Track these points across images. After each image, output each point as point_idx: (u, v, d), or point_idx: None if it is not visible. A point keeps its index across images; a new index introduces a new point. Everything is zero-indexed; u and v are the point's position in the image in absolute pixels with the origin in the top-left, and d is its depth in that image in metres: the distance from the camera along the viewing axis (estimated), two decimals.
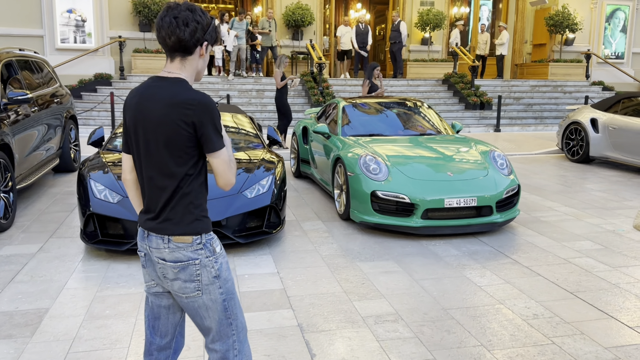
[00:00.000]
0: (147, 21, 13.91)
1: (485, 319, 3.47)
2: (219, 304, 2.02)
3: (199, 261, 1.96)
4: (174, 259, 1.96)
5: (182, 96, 1.88)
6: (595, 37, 17.47)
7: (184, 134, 1.88)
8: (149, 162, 1.96)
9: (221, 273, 2.00)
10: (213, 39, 2.01)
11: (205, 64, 2.05)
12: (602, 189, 7.36)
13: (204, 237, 1.98)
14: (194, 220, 1.96)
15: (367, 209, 5.24)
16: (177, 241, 1.95)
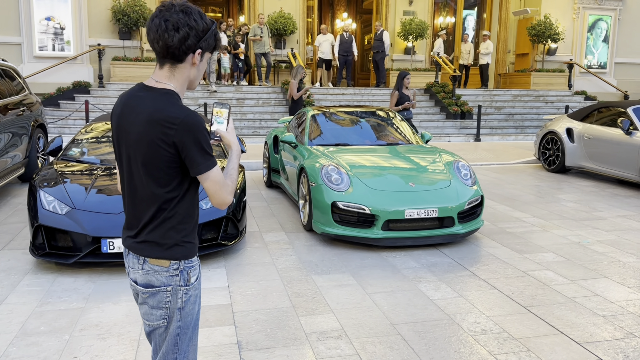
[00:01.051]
0: (126, 29, 13.82)
1: (432, 335, 3.37)
2: (172, 337, 1.89)
3: (171, 288, 1.83)
4: (146, 283, 1.84)
5: (163, 112, 1.70)
6: (577, 46, 17.56)
7: (164, 155, 1.71)
8: (130, 178, 1.82)
9: (186, 306, 1.86)
10: (211, 46, 1.81)
11: (199, 73, 1.84)
12: (574, 200, 7.31)
13: (182, 264, 1.83)
14: (173, 244, 1.81)
15: (328, 220, 5.15)
16: (153, 264, 1.82)
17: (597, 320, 3.60)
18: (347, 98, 14.52)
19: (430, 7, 17.16)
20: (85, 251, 4.32)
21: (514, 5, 17.87)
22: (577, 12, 17.39)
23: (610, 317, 3.64)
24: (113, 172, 5.05)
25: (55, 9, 13.55)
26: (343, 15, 22.29)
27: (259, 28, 14.40)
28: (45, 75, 13.37)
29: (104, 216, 4.40)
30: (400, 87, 8.54)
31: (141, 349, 3.18)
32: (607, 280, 4.34)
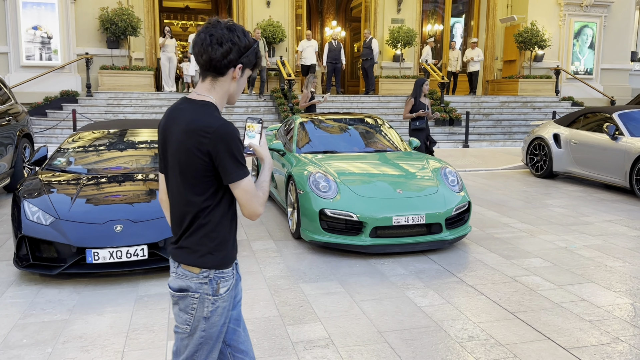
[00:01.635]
0: (114, 38, 13.78)
1: (419, 342, 3.36)
2: (194, 345, 1.92)
3: (198, 295, 1.87)
4: (176, 287, 1.91)
5: (199, 122, 1.78)
6: (564, 53, 17.75)
7: (199, 163, 1.79)
8: (171, 187, 1.93)
9: (212, 317, 1.89)
10: (251, 63, 1.90)
11: (239, 88, 1.93)
12: (561, 205, 7.35)
13: (212, 273, 1.88)
14: (207, 253, 1.87)
15: (316, 228, 5.13)
16: (184, 269, 1.89)
17: (584, 325, 3.60)
18: (336, 105, 14.54)
19: (418, 15, 17.28)
20: (69, 262, 4.27)
21: (501, 12, 18.04)
22: (563, 19, 17.59)
23: (597, 322, 3.64)
24: (100, 181, 5.02)
25: (42, 18, 13.50)
26: (332, 23, 22.39)
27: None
28: (32, 85, 13.30)
29: (89, 226, 4.36)
30: (418, 94, 7.99)
31: None
32: (593, 285, 4.35)
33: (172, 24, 25.43)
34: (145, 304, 3.96)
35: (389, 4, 16.83)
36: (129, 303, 3.98)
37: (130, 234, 4.35)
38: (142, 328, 3.57)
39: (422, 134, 7.98)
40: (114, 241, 4.30)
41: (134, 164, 5.49)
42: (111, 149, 5.79)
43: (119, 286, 4.31)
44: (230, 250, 1.92)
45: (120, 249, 4.29)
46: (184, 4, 23.85)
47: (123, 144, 5.88)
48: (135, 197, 4.75)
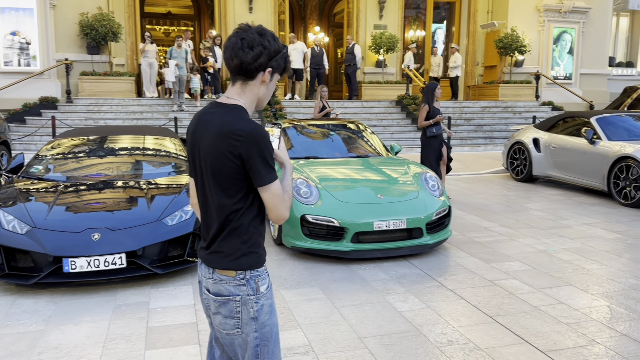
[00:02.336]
0: (94, 43, 13.66)
1: (398, 347, 3.36)
2: (252, 348, 1.92)
3: (239, 297, 1.88)
4: (216, 292, 1.91)
5: (231, 126, 1.80)
6: (543, 58, 18.01)
7: (231, 166, 1.80)
8: (202, 191, 1.93)
9: (260, 315, 1.89)
10: (281, 68, 1.91)
11: (268, 92, 1.94)
12: (541, 208, 7.43)
13: (248, 274, 1.88)
14: (241, 255, 1.87)
15: (297, 234, 5.12)
16: (220, 273, 1.89)
17: (561, 328, 3.64)
18: None
19: (400, 21, 17.41)
20: (46, 271, 4.20)
21: (481, 18, 18.26)
22: (542, 24, 17.85)
23: (574, 325, 3.68)
24: (79, 189, 4.95)
25: (20, 23, 13.33)
26: (315, 29, 22.46)
27: None
28: (10, 91, 13.12)
29: (66, 235, 4.30)
30: (430, 99, 7.69)
31: None
32: (571, 287, 4.40)
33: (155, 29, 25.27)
34: (124, 314, 3.91)
35: (371, 10, 16.94)
36: (107, 312, 3.93)
37: (108, 243, 4.30)
38: (120, 338, 3.52)
39: (438, 140, 7.71)
40: (92, 250, 4.24)
41: (113, 171, 5.43)
42: (90, 156, 5.72)
43: (97, 295, 4.25)
44: (262, 250, 1.94)
45: (98, 257, 4.23)
46: (166, 10, 23.73)
47: (102, 150, 5.82)
48: (114, 204, 4.69)
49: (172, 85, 13.43)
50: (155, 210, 4.66)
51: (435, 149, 7.71)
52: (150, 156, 5.91)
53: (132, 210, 4.64)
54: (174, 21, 25.24)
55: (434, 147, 7.68)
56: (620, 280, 4.58)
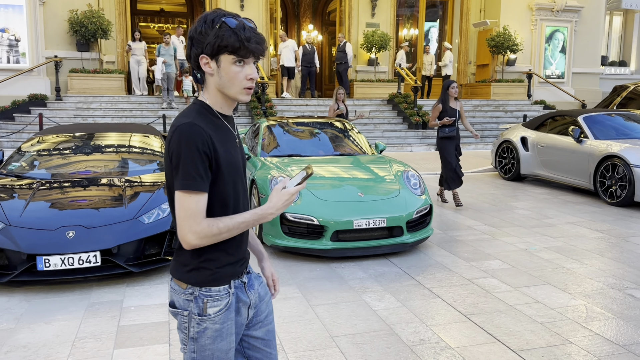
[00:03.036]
0: (84, 40, 13.59)
1: (370, 346, 3.34)
2: None
3: (187, 313, 1.72)
4: (170, 301, 1.79)
5: (172, 124, 1.68)
6: (536, 57, 18.01)
7: (169, 167, 1.66)
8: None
9: (200, 338, 1.71)
10: (215, 49, 1.62)
11: (224, 80, 1.66)
12: (526, 207, 7.42)
13: (197, 290, 1.71)
14: (191, 269, 1.71)
15: (277, 232, 5.09)
16: (174, 282, 1.76)
17: (535, 327, 3.62)
18: (310, 109, 14.54)
19: (393, 20, 17.38)
20: (20, 269, 4.16)
21: (474, 17, 18.24)
22: (534, 23, 17.85)
23: (548, 324, 3.67)
24: (55, 186, 4.91)
25: (9, 20, 13.24)
26: (309, 27, 22.40)
27: None
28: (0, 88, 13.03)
29: (40, 232, 4.26)
30: (445, 99, 7.20)
31: None
32: (549, 287, 4.39)
33: (149, 26, 25.20)
34: (96, 312, 3.87)
35: (363, 8, 16.90)
36: (79, 311, 3.89)
37: (83, 240, 4.26)
38: (90, 336, 3.49)
39: (452, 143, 7.24)
40: (66, 248, 4.20)
41: (92, 169, 5.39)
42: (69, 153, 5.68)
43: (71, 294, 4.22)
44: (223, 268, 1.72)
45: (72, 255, 4.19)
46: (159, 7, 23.64)
47: (82, 148, 5.77)
48: (90, 202, 4.66)
49: (160, 83, 13.37)
50: (131, 208, 4.62)
51: (449, 150, 7.25)
52: (131, 154, 5.86)
53: (108, 208, 4.60)
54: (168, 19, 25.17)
55: (448, 148, 7.23)
56: (599, 279, 4.57)
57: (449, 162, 7.26)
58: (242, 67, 1.66)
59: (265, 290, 1.94)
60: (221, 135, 1.72)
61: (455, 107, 7.25)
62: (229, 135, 1.76)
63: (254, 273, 1.92)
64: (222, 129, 1.74)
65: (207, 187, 1.64)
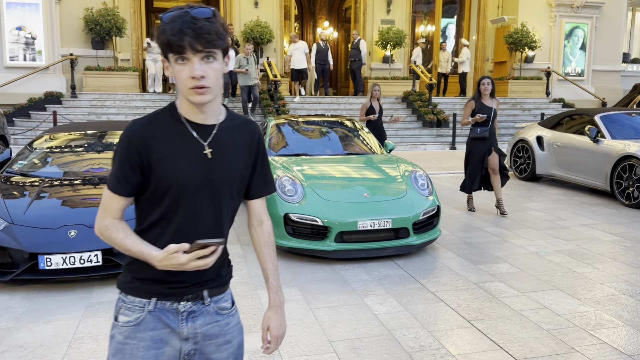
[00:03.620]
0: (99, 38, 13.68)
1: (368, 352, 3.26)
2: None
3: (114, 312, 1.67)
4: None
5: None
6: (555, 54, 17.66)
7: None
8: None
9: (111, 342, 1.62)
10: (165, 46, 1.49)
11: (177, 80, 1.53)
12: (540, 209, 7.25)
13: (122, 295, 1.62)
14: (123, 270, 1.64)
15: (281, 233, 5.03)
16: None
17: (540, 334, 3.51)
18: (324, 107, 14.45)
19: (409, 16, 17.19)
20: (22, 268, 4.16)
21: (491, 13, 17.96)
22: (554, 20, 17.50)
23: (554, 331, 3.55)
24: (60, 185, 4.91)
25: (26, 18, 13.40)
26: (324, 24, 22.30)
27: (245, 59, 12.71)
28: (16, 86, 13.20)
29: (42, 231, 4.26)
30: (478, 94, 6.71)
31: None
32: (558, 292, 4.26)
33: None
34: (96, 312, 3.86)
35: (378, 4, 16.75)
36: (79, 310, 3.88)
37: (85, 240, 4.25)
38: (87, 337, 3.47)
39: (483, 144, 6.66)
40: (67, 247, 4.20)
41: (97, 167, 5.39)
42: (75, 152, 5.69)
43: (72, 293, 4.21)
44: (143, 282, 1.58)
45: (74, 254, 4.18)
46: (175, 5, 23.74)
47: (88, 147, 5.78)
48: (92, 201, 4.65)
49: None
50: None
51: (477, 154, 6.71)
52: None
53: None
54: None
55: (476, 151, 6.71)
56: (610, 284, 4.43)
57: (471, 167, 6.79)
58: (184, 64, 1.49)
59: (225, 331, 1.67)
60: (176, 144, 1.56)
61: (489, 105, 6.64)
62: (190, 146, 1.57)
63: (215, 305, 1.66)
64: (182, 136, 1.58)
65: (125, 191, 1.57)
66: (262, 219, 1.80)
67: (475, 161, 6.76)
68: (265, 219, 1.81)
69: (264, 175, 1.76)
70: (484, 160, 6.73)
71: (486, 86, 6.66)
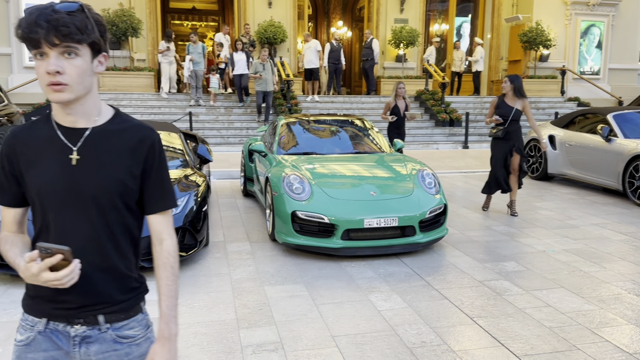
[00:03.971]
0: (115, 39, 13.88)
1: (369, 347, 3.32)
2: None
3: None
4: None
5: None
6: (570, 53, 17.49)
7: None
8: None
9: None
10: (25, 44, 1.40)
11: (38, 78, 1.43)
12: (551, 208, 7.23)
13: (22, 313, 1.54)
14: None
15: (289, 230, 5.10)
16: None
17: (542, 331, 3.53)
18: (336, 106, 14.50)
19: (422, 15, 17.15)
20: None
21: (506, 12, 17.85)
22: (569, 18, 17.33)
23: (557, 329, 3.57)
24: None
25: None
26: (338, 24, 22.34)
27: (261, 65, 12.53)
28: (35, 85, 13.43)
29: None
30: (502, 94, 6.65)
31: None
32: (563, 290, 4.26)
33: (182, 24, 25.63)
34: None
35: (392, 4, 16.74)
36: None
37: None
38: None
39: (504, 144, 6.52)
40: None
41: None
42: None
43: None
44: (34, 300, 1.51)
45: None
46: (191, 5, 23.97)
47: None
48: None
49: (188, 80, 13.55)
50: None
51: (497, 153, 6.60)
52: None
53: None
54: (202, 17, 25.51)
55: (496, 150, 6.60)
56: (617, 284, 4.42)
57: (493, 168, 6.71)
58: (42, 60, 1.38)
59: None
60: (43, 150, 1.48)
61: (511, 105, 6.50)
62: (57, 151, 1.47)
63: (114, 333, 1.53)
64: (50, 142, 1.48)
65: (6, 201, 1.52)
66: (162, 237, 1.58)
67: (495, 162, 6.64)
68: (167, 237, 1.59)
69: (161, 188, 1.57)
70: (505, 161, 6.59)
71: (505, 84, 6.59)
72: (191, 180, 5.26)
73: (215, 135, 12.67)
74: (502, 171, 6.63)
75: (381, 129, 8.31)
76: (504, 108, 6.52)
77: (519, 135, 6.63)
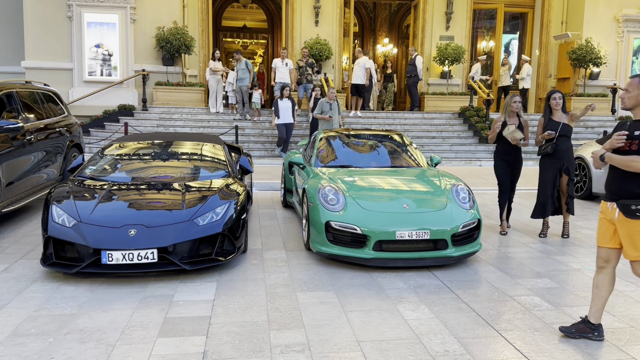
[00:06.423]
0: (169, 55, 14.56)
1: (393, 353, 3.43)
2: None
3: None
4: None
5: None
6: (622, 71, 17.03)
7: None
8: None
9: None
10: None
11: None
12: (591, 227, 7.10)
13: None
14: None
15: (323, 240, 5.27)
16: None
17: (568, 346, 3.54)
18: (378, 122, 14.65)
19: (468, 32, 17.14)
20: (87, 262, 4.63)
21: (555, 29, 17.59)
22: (621, 35, 16.91)
23: (583, 345, 3.57)
24: (123, 189, 5.39)
25: (104, 36, 14.49)
26: (384, 41, 22.55)
27: (328, 104, 11.21)
28: (93, 99, 14.26)
29: (106, 230, 4.71)
30: (546, 111, 6.36)
31: (115, 353, 3.40)
32: None
33: (233, 42, 26.53)
34: (148, 304, 4.23)
35: (437, 21, 16.83)
36: (134, 302, 4.27)
37: (143, 238, 4.67)
38: (138, 325, 3.84)
39: (553, 163, 6.26)
40: (127, 244, 4.62)
41: (162, 174, 5.85)
42: (143, 159, 6.20)
43: (129, 286, 4.62)
44: None
45: (132, 251, 4.61)
46: (242, 24, 24.77)
47: (155, 155, 6.27)
48: (152, 204, 5.08)
49: (234, 96, 14.09)
50: (188, 210, 4.99)
51: (545, 175, 6.34)
52: (193, 161, 6.30)
53: (167, 210, 4.99)
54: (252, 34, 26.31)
55: (544, 170, 6.35)
56: None
57: (541, 188, 6.43)
58: None
59: None
60: None
61: (559, 120, 6.22)
62: None
63: None
64: None
65: None
66: None
67: (543, 182, 6.37)
68: None
69: None
70: (555, 181, 6.33)
71: (557, 101, 6.25)
72: (232, 190, 5.52)
73: (260, 149, 13.05)
74: (552, 192, 6.35)
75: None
76: (553, 125, 6.27)
77: (570, 156, 6.35)
